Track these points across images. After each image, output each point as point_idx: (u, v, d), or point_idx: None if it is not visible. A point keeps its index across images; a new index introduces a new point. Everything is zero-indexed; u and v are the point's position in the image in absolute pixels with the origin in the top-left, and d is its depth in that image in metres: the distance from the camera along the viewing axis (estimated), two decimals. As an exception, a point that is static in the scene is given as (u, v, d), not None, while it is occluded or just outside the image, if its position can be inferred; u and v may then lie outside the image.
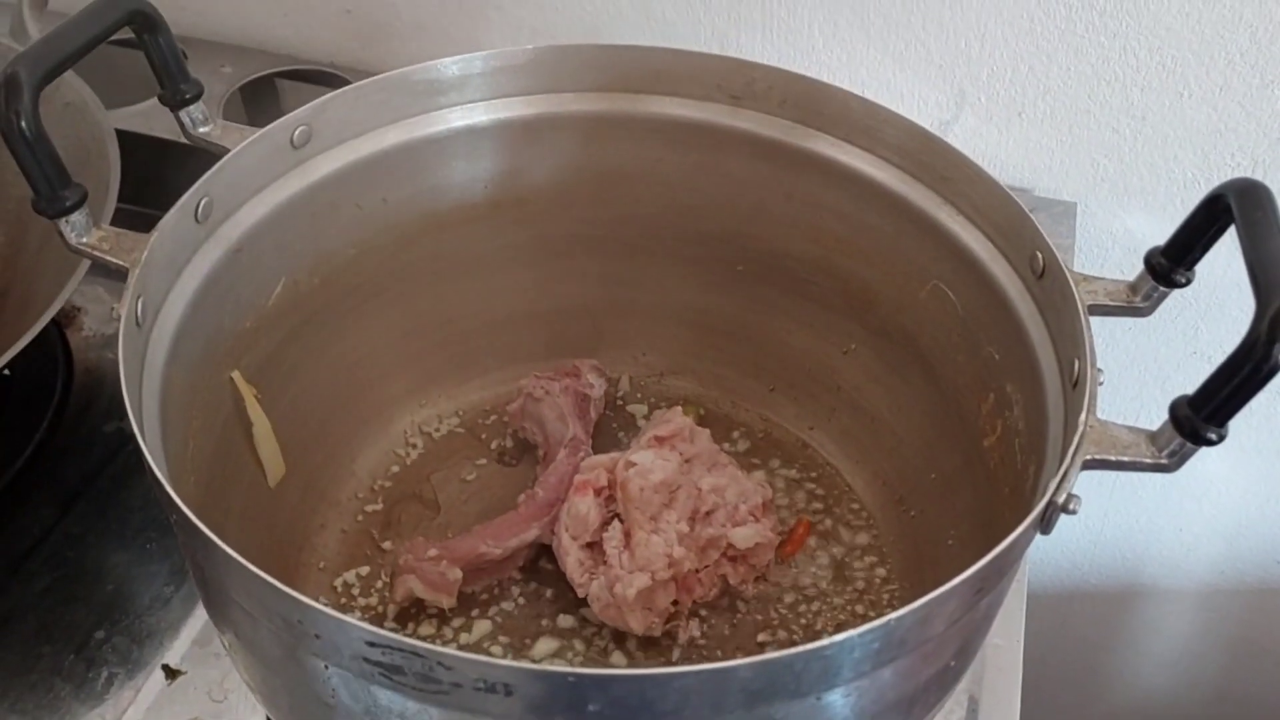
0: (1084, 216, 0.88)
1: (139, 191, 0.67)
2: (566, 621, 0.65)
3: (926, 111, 0.87)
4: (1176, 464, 0.46)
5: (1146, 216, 0.87)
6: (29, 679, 0.62)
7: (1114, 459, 0.46)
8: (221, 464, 0.60)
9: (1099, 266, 0.90)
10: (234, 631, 0.50)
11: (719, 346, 0.76)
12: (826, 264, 0.69)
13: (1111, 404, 0.50)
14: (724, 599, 0.66)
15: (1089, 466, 0.47)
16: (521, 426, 0.73)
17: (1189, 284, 0.52)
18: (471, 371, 0.76)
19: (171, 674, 0.62)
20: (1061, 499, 0.45)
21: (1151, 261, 0.53)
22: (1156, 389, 0.95)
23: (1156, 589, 1.09)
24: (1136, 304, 0.54)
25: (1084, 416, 0.47)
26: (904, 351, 0.67)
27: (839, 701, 0.44)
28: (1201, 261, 0.52)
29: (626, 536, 0.63)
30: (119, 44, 0.57)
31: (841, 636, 0.40)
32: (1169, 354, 0.93)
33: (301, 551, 0.67)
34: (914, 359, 0.67)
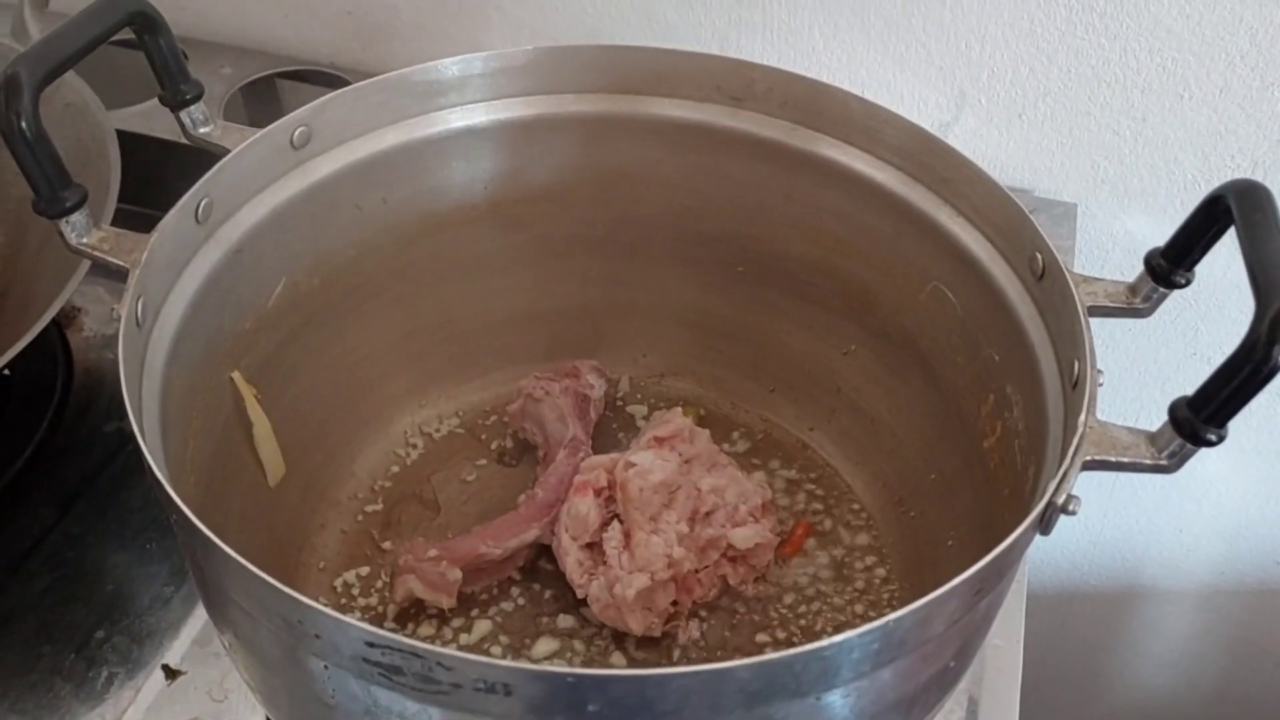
0: (1084, 218, 0.88)
1: (139, 192, 0.67)
2: (566, 622, 0.65)
3: (927, 113, 0.87)
4: (1176, 465, 0.46)
5: (1146, 218, 0.87)
6: (29, 679, 0.62)
7: (1114, 460, 0.46)
8: (221, 464, 0.60)
9: (1099, 268, 0.90)
10: (234, 632, 0.50)
11: (719, 347, 0.76)
12: (826, 265, 0.69)
13: (1111, 405, 0.50)
14: (724, 599, 0.66)
15: (1089, 467, 0.47)
16: (521, 427, 0.73)
17: (1189, 285, 0.53)
18: (471, 372, 0.76)
19: (171, 674, 0.62)
20: (1061, 500, 0.45)
21: (1151, 263, 0.53)
22: (1156, 390, 0.95)
23: (1156, 590, 1.09)
24: (1136, 305, 0.54)
25: (1084, 417, 0.47)
26: (904, 353, 0.67)
27: (838, 702, 0.44)
28: (1201, 263, 0.52)
29: (626, 537, 0.63)
30: (119, 44, 0.57)
31: (841, 637, 0.40)
32: (1169, 355, 0.93)
33: (301, 552, 0.67)
34: (914, 360, 0.67)
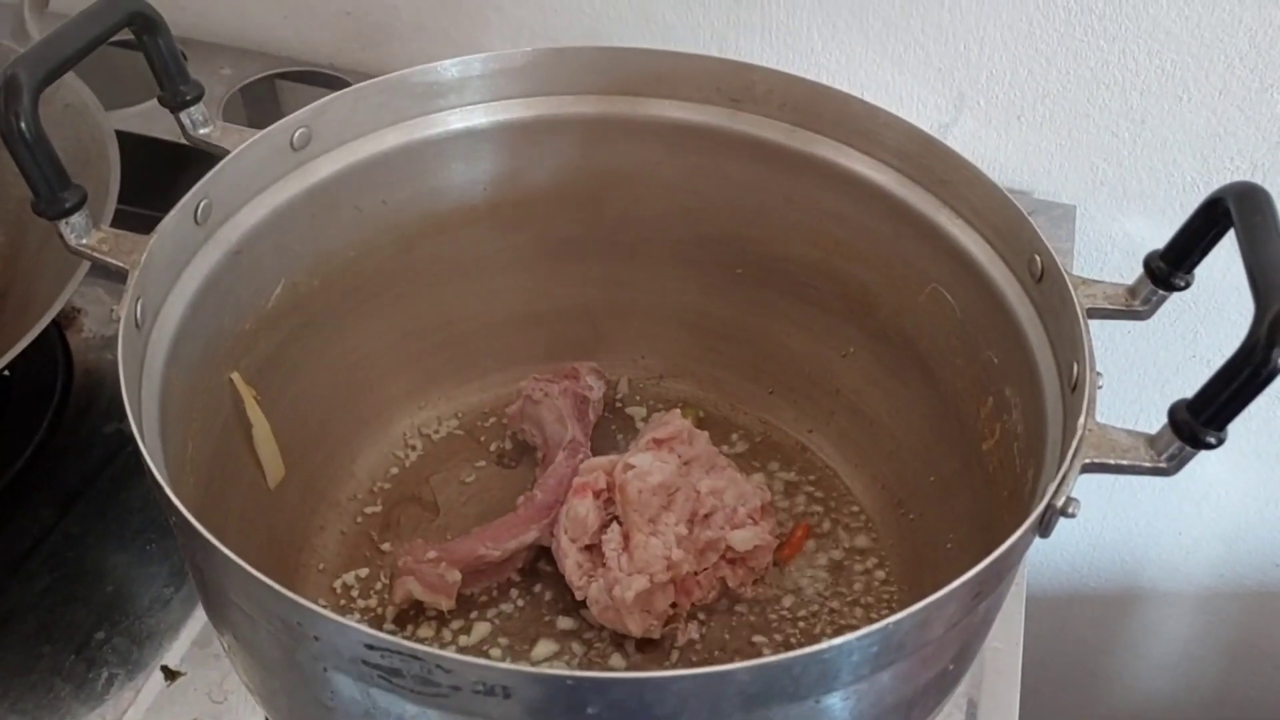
0: (1083, 220, 0.88)
1: (139, 193, 0.67)
2: (565, 623, 0.65)
3: (926, 114, 0.87)
4: (1175, 468, 0.46)
5: (1145, 220, 0.87)
6: (29, 679, 0.62)
7: (1113, 463, 0.46)
8: (221, 465, 0.60)
9: (1098, 270, 0.90)
10: (233, 633, 0.50)
11: (718, 349, 0.76)
12: (826, 267, 0.69)
13: (1110, 407, 0.50)
14: (722, 601, 0.66)
15: (1088, 470, 0.47)
16: (520, 428, 0.73)
17: (1188, 287, 0.53)
18: (471, 373, 0.76)
19: (171, 675, 0.62)
20: (1060, 502, 0.45)
21: (1150, 265, 0.53)
22: (1155, 392, 0.95)
23: (1155, 592, 1.09)
24: (1135, 307, 0.54)
25: (1083, 420, 0.47)
26: (903, 355, 0.67)
27: (837, 705, 0.44)
28: (1200, 265, 0.52)
29: (625, 539, 0.63)
30: (119, 45, 0.57)
31: (840, 640, 0.40)
32: (1168, 357, 0.93)
33: (301, 553, 0.67)
34: (913, 362, 0.67)
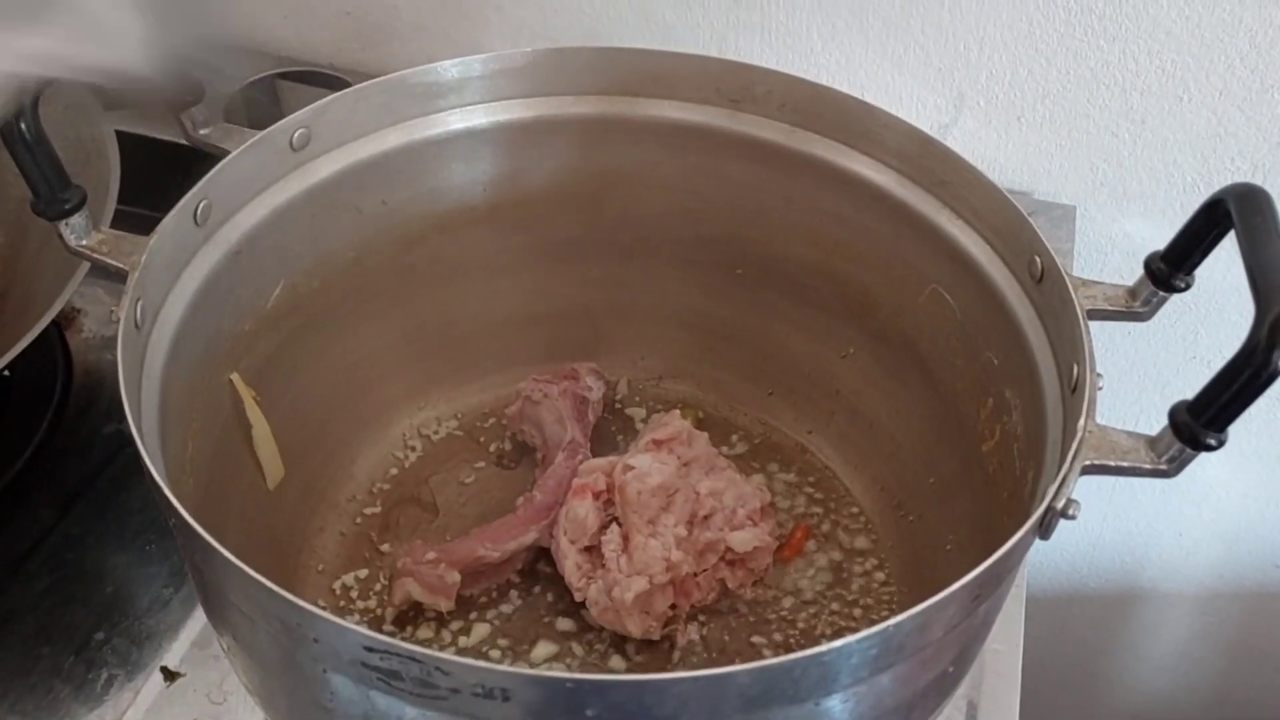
0: (1083, 220, 0.88)
1: (139, 193, 0.67)
2: (565, 625, 0.65)
3: (925, 115, 0.87)
4: (1176, 470, 0.46)
5: (1146, 220, 0.87)
6: (28, 680, 0.62)
7: (1113, 464, 0.46)
8: (220, 466, 0.60)
9: (1098, 271, 0.90)
10: (233, 634, 0.50)
11: (717, 350, 0.76)
12: (825, 268, 0.69)
13: (1111, 409, 0.50)
14: (722, 603, 0.66)
15: (1088, 472, 0.47)
16: (520, 429, 0.73)
17: (1188, 289, 0.52)
18: (470, 374, 0.76)
19: (170, 676, 0.62)
20: (1060, 504, 0.45)
21: (1151, 266, 0.53)
22: (1156, 394, 0.95)
23: (1156, 593, 1.09)
24: (1136, 309, 0.54)
25: (1083, 421, 0.47)
26: (903, 356, 0.67)
27: (837, 707, 0.44)
28: (1201, 266, 0.52)
29: (625, 540, 0.63)
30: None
31: (840, 643, 0.40)
32: (1168, 359, 0.93)
33: (300, 554, 0.67)
34: (912, 363, 0.67)
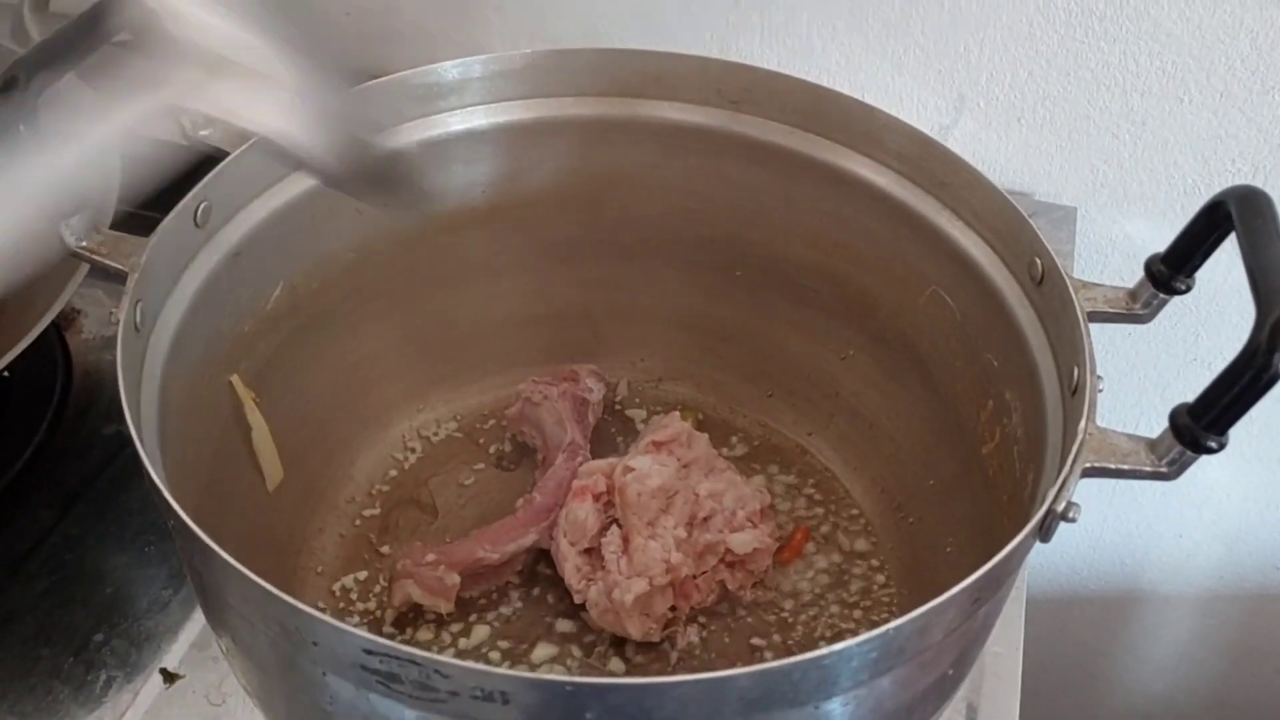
0: (1084, 222, 0.88)
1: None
2: (565, 626, 0.65)
3: (926, 116, 0.87)
4: (1176, 472, 0.46)
5: (1146, 222, 0.87)
6: (28, 681, 0.62)
7: (1113, 467, 0.46)
8: (220, 468, 0.60)
9: (1099, 272, 0.90)
10: (231, 637, 0.50)
11: (717, 351, 0.76)
12: (825, 269, 0.69)
13: (1111, 411, 0.50)
14: (722, 605, 0.66)
15: (1088, 474, 0.46)
16: (520, 431, 0.73)
17: (1189, 291, 0.52)
18: (470, 376, 0.76)
19: (170, 677, 0.62)
20: (1061, 507, 0.45)
21: (1152, 268, 0.53)
22: (1156, 396, 0.95)
23: (1156, 594, 1.09)
24: (1136, 311, 0.54)
25: (1083, 424, 0.47)
26: (902, 357, 0.67)
27: (837, 710, 0.44)
28: (1202, 268, 0.52)
29: (624, 542, 0.62)
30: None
31: (840, 646, 0.40)
32: (1169, 361, 0.92)
33: (300, 556, 0.67)
34: (912, 365, 0.67)
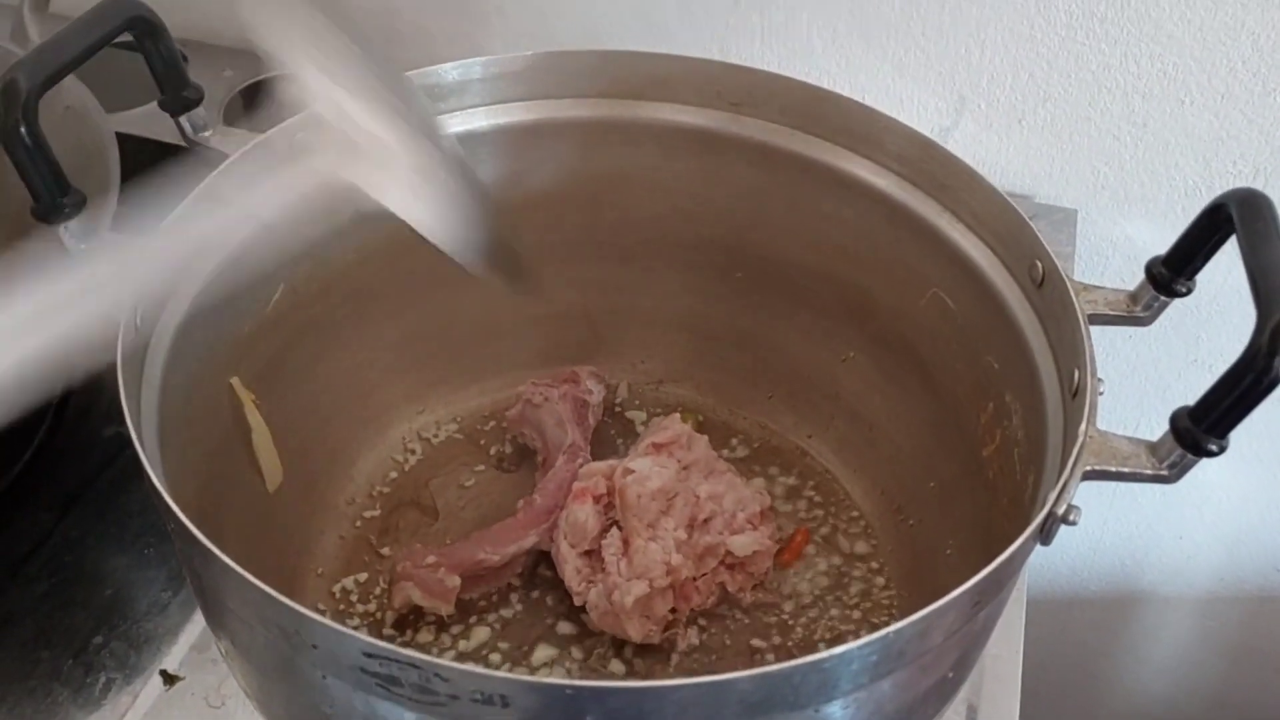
0: (1084, 224, 0.88)
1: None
2: (565, 628, 0.65)
3: (926, 118, 0.87)
4: (1177, 475, 0.46)
5: (1147, 224, 0.87)
6: (27, 684, 0.62)
7: (1114, 470, 0.46)
8: (220, 470, 0.60)
9: (1099, 275, 0.90)
10: (231, 639, 0.50)
11: (717, 353, 0.76)
12: (825, 271, 0.69)
13: (1111, 413, 0.50)
14: (722, 607, 0.66)
15: (1089, 477, 0.46)
16: (520, 433, 0.73)
17: (1190, 293, 0.52)
18: (470, 377, 0.76)
19: (169, 680, 0.62)
20: (1061, 510, 0.45)
21: (1152, 271, 0.53)
22: (1157, 398, 0.95)
23: (1156, 596, 1.09)
24: (1137, 313, 0.54)
25: (1084, 427, 0.47)
26: (903, 360, 0.67)
27: (837, 713, 0.44)
28: (1202, 270, 0.52)
29: (625, 544, 0.62)
30: (121, 46, 0.57)
31: (840, 649, 0.40)
32: (1169, 363, 0.92)
33: (300, 558, 0.67)
34: (913, 367, 0.67)
